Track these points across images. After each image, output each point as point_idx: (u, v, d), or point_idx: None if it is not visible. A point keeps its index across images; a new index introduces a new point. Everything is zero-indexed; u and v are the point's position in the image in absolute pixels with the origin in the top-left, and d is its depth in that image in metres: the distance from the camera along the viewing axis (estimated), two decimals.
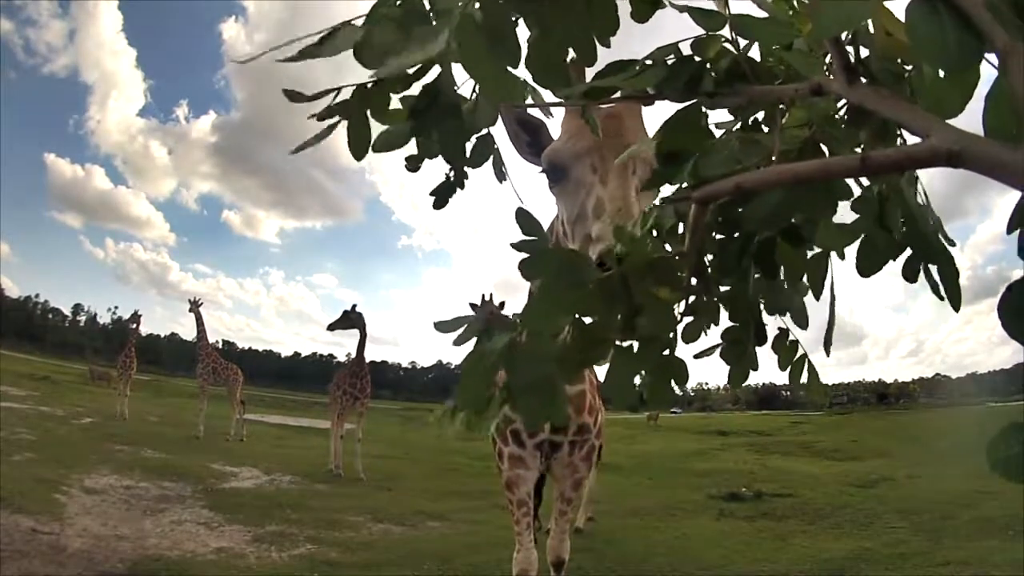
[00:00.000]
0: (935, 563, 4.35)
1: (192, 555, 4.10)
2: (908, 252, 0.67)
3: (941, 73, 0.53)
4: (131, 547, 4.05)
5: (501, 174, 0.80)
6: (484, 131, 0.78)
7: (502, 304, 6.23)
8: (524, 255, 0.57)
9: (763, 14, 0.64)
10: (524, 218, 0.64)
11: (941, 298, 0.67)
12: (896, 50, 0.58)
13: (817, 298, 0.72)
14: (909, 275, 0.68)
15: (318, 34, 0.53)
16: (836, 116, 0.64)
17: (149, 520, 4.86)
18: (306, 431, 16.62)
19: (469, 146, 0.78)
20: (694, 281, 0.62)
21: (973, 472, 6.59)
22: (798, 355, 0.74)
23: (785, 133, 0.63)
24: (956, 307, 0.66)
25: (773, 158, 0.58)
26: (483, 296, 6.32)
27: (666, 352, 0.60)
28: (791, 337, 0.74)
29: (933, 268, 0.67)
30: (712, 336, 0.68)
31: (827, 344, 0.73)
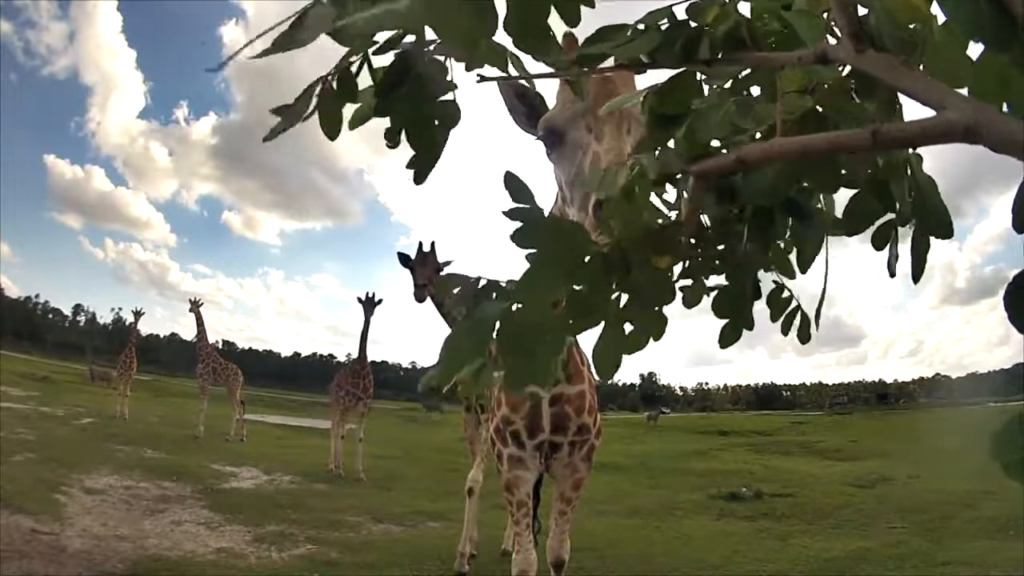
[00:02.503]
0: (935, 563, 4.35)
1: (192, 555, 4.10)
2: (887, 217, 0.64)
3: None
4: (131, 547, 4.05)
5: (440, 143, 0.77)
6: (449, 96, 0.75)
7: (447, 263, 4.72)
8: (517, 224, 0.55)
9: None
10: (513, 183, 0.60)
11: (893, 274, 0.66)
12: (907, 14, 0.54)
13: (804, 271, 0.69)
14: (878, 243, 0.65)
15: (288, 20, 0.50)
16: (841, 85, 0.60)
17: (149, 520, 4.86)
18: (306, 431, 16.63)
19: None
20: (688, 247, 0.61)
21: (973, 472, 6.59)
22: (791, 307, 0.72)
23: (789, 101, 0.60)
24: (916, 279, 0.65)
25: (776, 129, 0.55)
26: (420, 245, 4.65)
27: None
28: (785, 293, 0.72)
29: (903, 247, 0.65)
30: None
31: (816, 317, 0.72)
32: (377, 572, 4.14)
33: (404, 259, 4.62)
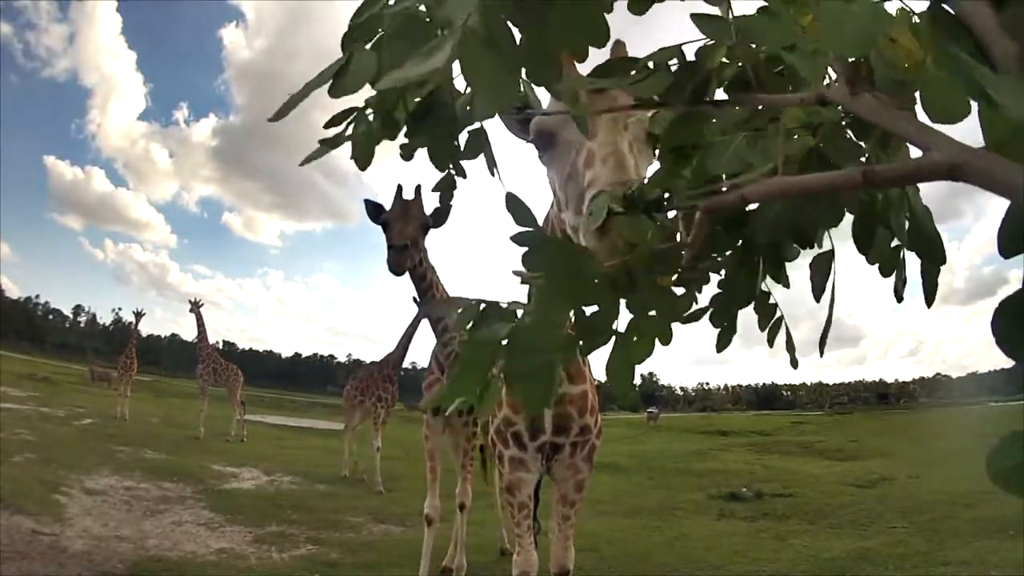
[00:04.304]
0: (935, 563, 4.35)
1: (193, 556, 4.10)
2: (892, 244, 0.67)
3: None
4: (131, 548, 4.05)
5: (492, 165, 0.80)
6: (477, 124, 0.78)
7: (439, 212, 3.20)
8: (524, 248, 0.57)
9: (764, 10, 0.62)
10: (514, 204, 0.62)
11: (900, 300, 0.69)
12: (901, 57, 0.56)
13: (817, 300, 0.72)
14: (886, 270, 0.69)
15: (334, 65, 0.54)
16: (840, 125, 0.63)
17: (149, 521, 4.86)
18: (306, 432, 16.63)
19: (462, 139, 0.79)
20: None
21: (973, 472, 6.58)
22: (775, 317, 0.75)
23: (792, 142, 0.63)
24: (929, 303, 0.68)
25: (778, 168, 0.57)
26: (399, 189, 3.16)
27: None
28: (771, 300, 0.75)
29: (909, 268, 0.68)
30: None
31: (821, 344, 0.74)
32: (377, 573, 4.14)
33: (374, 211, 3.16)
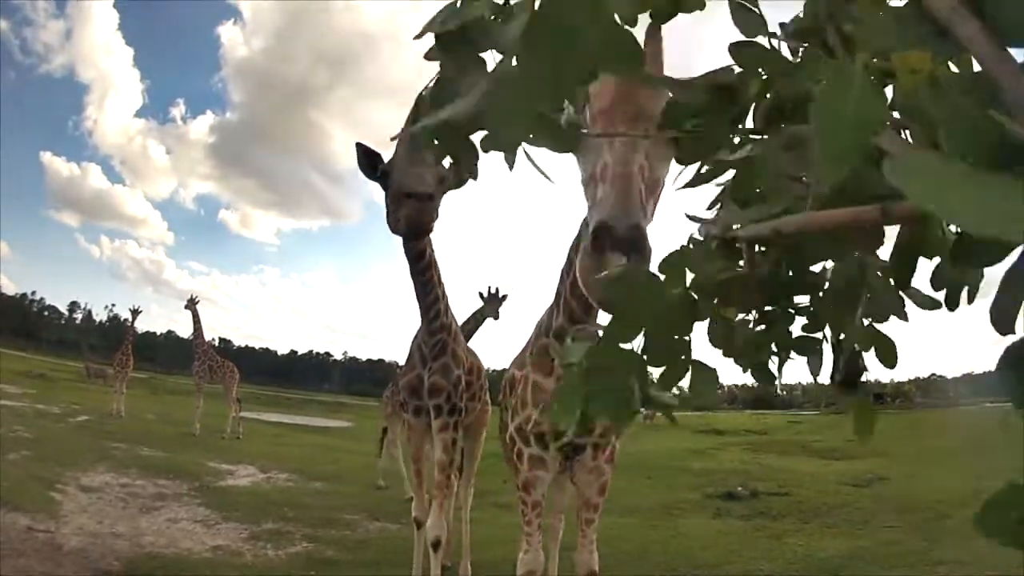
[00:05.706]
0: (931, 562, 4.36)
1: (188, 553, 4.10)
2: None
3: None
4: (127, 545, 4.05)
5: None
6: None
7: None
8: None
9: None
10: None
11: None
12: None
13: (893, 367, 0.80)
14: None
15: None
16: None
17: (145, 518, 4.85)
18: (302, 429, 16.61)
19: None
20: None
21: (969, 472, 6.61)
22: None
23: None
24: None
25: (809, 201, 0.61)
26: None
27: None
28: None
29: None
30: None
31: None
32: (374, 570, 4.14)
33: (368, 160, 2.41)
